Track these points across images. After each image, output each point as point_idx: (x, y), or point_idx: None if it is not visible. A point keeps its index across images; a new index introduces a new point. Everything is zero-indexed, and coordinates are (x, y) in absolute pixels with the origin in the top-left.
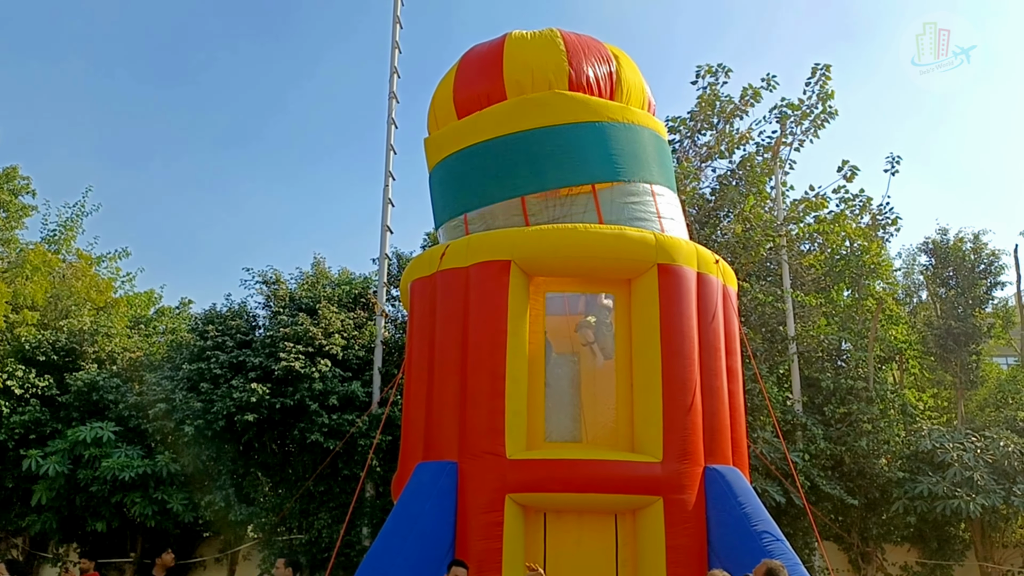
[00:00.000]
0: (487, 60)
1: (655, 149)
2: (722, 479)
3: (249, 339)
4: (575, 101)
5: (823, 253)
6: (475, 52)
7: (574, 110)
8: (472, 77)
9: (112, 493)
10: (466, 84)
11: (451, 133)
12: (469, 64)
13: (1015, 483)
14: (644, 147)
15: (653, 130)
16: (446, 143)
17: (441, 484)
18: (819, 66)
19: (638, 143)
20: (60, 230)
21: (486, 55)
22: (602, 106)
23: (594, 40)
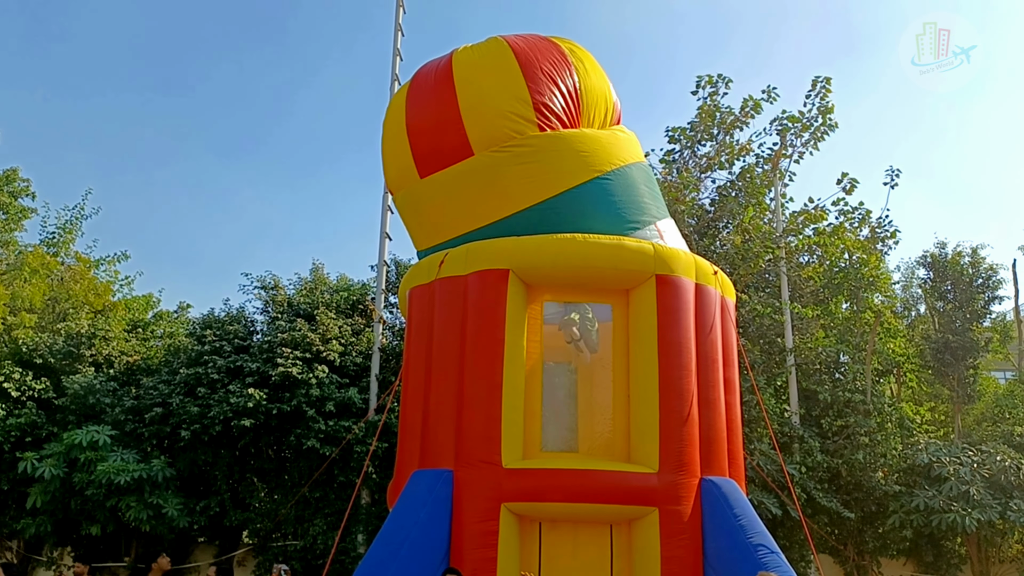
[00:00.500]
0: (441, 99)
1: (646, 184)
2: (718, 491)
3: (247, 344)
4: (561, 161)
5: (822, 265)
6: (424, 88)
7: (566, 174)
8: (428, 125)
9: (107, 497)
10: (422, 130)
11: (437, 221)
12: (420, 103)
13: (1011, 498)
14: (638, 187)
15: (638, 163)
16: (433, 231)
17: (437, 492)
18: (819, 79)
19: (632, 186)
20: (59, 233)
21: (438, 95)
22: (591, 159)
23: (547, 45)
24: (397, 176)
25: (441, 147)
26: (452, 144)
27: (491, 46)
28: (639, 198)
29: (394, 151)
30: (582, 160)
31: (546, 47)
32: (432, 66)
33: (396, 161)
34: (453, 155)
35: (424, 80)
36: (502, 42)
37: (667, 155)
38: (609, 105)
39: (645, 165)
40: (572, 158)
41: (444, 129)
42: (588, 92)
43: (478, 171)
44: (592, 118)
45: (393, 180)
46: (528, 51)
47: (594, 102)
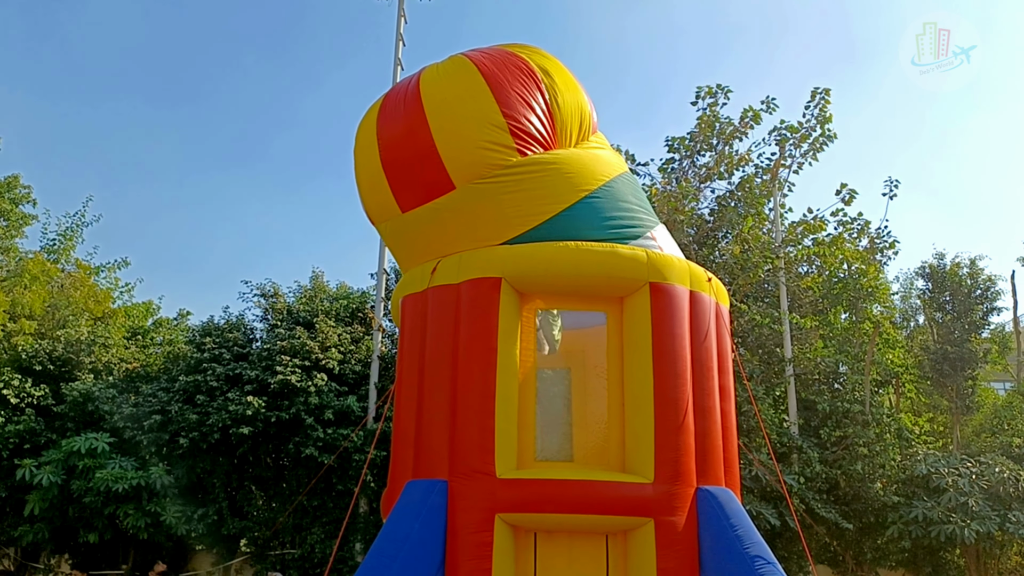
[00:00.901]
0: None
1: (633, 193)
2: (714, 500)
3: (246, 352)
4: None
5: (821, 276)
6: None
7: (554, 198)
8: (403, 159)
9: (105, 504)
10: (398, 164)
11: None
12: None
13: (1010, 509)
14: (626, 198)
15: (621, 173)
16: (418, 262)
17: (431, 503)
18: (819, 90)
19: (621, 198)
20: (60, 240)
21: (409, 126)
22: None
23: (514, 61)
24: (377, 209)
25: (420, 181)
26: (431, 178)
27: (458, 68)
28: (629, 209)
29: (371, 184)
30: (567, 182)
31: (513, 63)
32: (399, 93)
33: (374, 194)
34: (434, 189)
35: (393, 110)
36: (468, 64)
37: (666, 164)
38: (584, 116)
39: (628, 175)
40: (557, 181)
41: (421, 164)
42: (562, 108)
43: (462, 203)
44: (569, 134)
45: (374, 212)
46: (496, 72)
47: (569, 117)
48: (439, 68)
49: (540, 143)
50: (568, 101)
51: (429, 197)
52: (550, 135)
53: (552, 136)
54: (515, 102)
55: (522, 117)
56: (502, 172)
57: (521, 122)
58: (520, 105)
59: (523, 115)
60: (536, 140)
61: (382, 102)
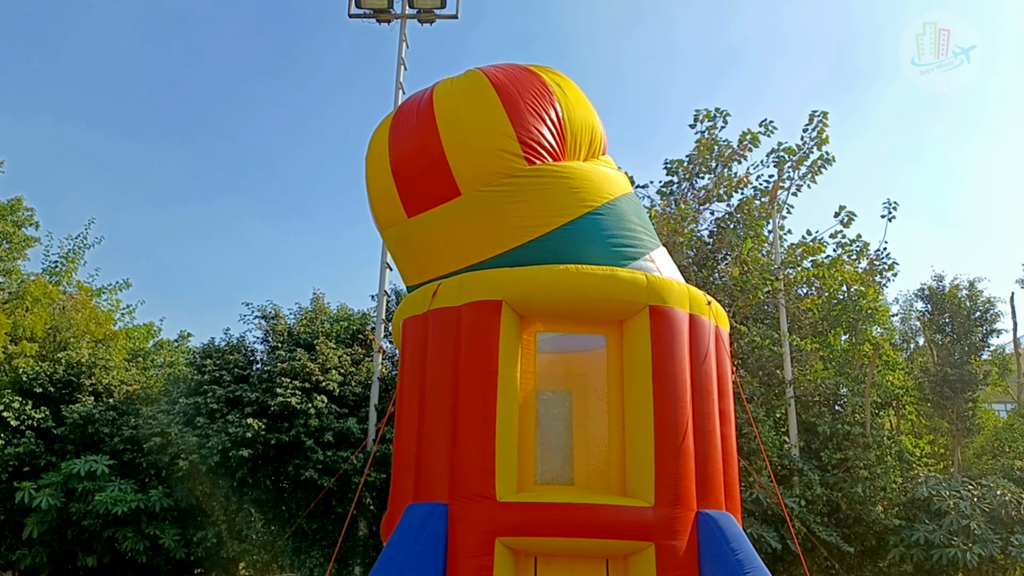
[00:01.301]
0: (424, 138)
1: (636, 214)
2: (715, 524)
3: (246, 374)
4: (551, 197)
5: (820, 297)
6: (406, 126)
7: (555, 210)
8: (412, 166)
9: (104, 527)
10: (407, 170)
11: (424, 260)
12: (402, 143)
13: (1012, 533)
14: (629, 218)
15: (626, 194)
16: (423, 269)
17: (431, 526)
18: (816, 113)
19: (624, 218)
20: (62, 262)
21: (420, 134)
22: (582, 193)
23: (527, 76)
24: (384, 215)
25: (427, 187)
26: (438, 183)
27: (471, 80)
28: (631, 230)
29: (380, 190)
30: (573, 195)
31: (527, 78)
32: (413, 103)
33: (382, 200)
34: (440, 194)
35: (406, 118)
36: (481, 76)
37: (665, 186)
38: (595, 135)
39: (634, 196)
40: (563, 194)
41: (429, 169)
42: (573, 122)
43: (467, 210)
44: (578, 149)
45: (380, 218)
46: (509, 84)
47: (579, 132)
48: (453, 80)
49: (549, 154)
50: (579, 117)
51: (435, 202)
52: (560, 148)
53: (562, 149)
54: (526, 113)
55: (532, 128)
56: (508, 180)
57: (531, 132)
58: (531, 116)
59: (533, 126)
60: (545, 151)
61: (397, 110)
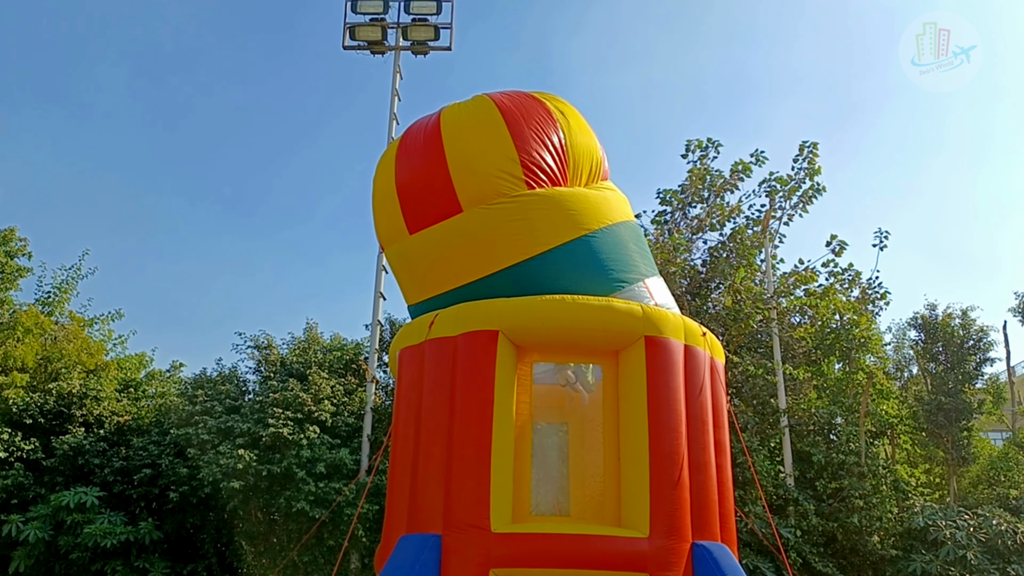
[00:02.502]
0: (430, 157)
1: (634, 242)
2: (709, 556)
3: (238, 404)
4: (549, 219)
5: (813, 326)
6: (413, 148)
7: (552, 232)
8: (417, 185)
9: (93, 560)
10: (411, 187)
11: (426, 276)
12: (409, 163)
13: (1009, 563)
14: (626, 245)
15: (626, 221)
16: (423, 286)
17: (424, 558)
18: (806, 143)
19: (620, 244)
20: (55, 292)
21: (427, 155)
22: (579, 217)
23: (532, 103)
24: (387, 232)
25: (430, 204)
26: (441, 202)
27: (478, 104)
28: (627, 256)
29: (384, 208)
30: (570, 218)
31: (532, 105)
32: (421, 124)
33: (386, 218)
34: (442, 212)
35: (413, 139)
36: (488, 100)
37: (659, 216)
38: (596, 161)
39: (634, 224)
40: (560, 216)
41: (433, 187)
42: (575, 148)
43: (466, 228)
44: (580, 174)
45: (384, 236)
46: (514, 109)
47: (581, 158)
48: (460, 104)
49: (550, 179)
50: (581, 143)
51: (437, 219)
52: (561, 173)
53: (563, 174)
54: (529, 137)
55: (535, 152)
56: (508, 200)
57: (533, 156)
58: (534, 141)
59: (535, 150)
60: (547, 175)
61: (405, 132)
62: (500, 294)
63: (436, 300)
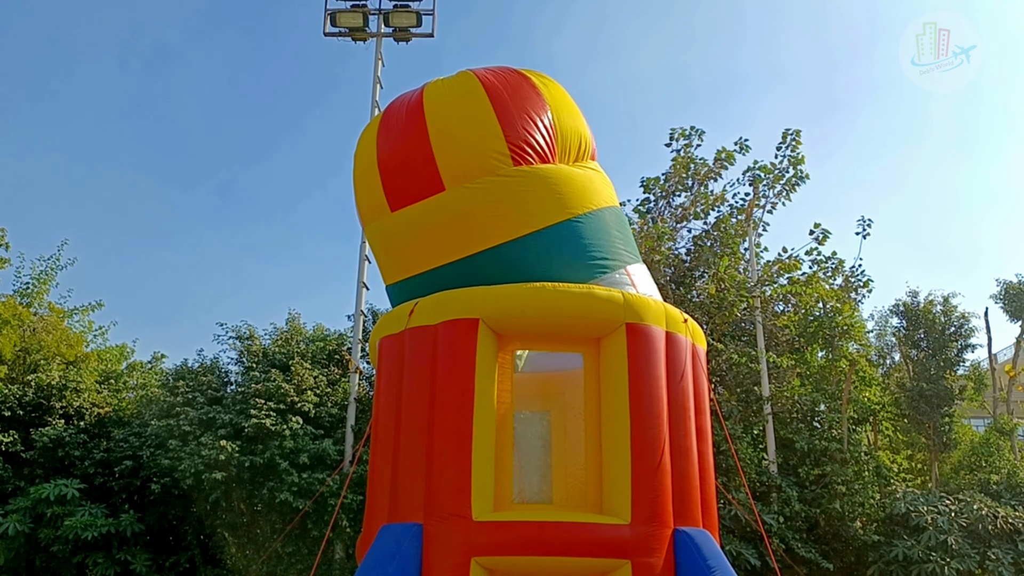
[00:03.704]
0: (412, 133)
1: (618, 228)
2: (691, 542)
3: (220, 395)
4: (533, 200)
5: (797, 314)
6: (395, 122)
7: (536, 213)
8: (399, 160)
9: (74, 553)
10: (393, 164)
11: (406, 255)
12: (391, 138)
13: (989, 547)
14: (610, 231)
15: (610, 206)
16: (403, 265)
17: (405, 547)
18: (789, 131)
19: (604, 229)
20: (34, 283)
21: (409, 129)
22: (565, 200)
23: (518, 79)
24: (368, 210)
25: (412, 182)
26: (423, 179)
27: (462, 80)
28: (610, 242)
29: (365, 185)
30: (555, 201)
31: (518, 80)
32: (404, 100)
33: (367, 195)
34: (424, 190)
35: (395, 115)
36: (472, 76)
37: (642, 204)
38: (584, 140)
39: (618, 209)
40: (546, 197)
41: (415, 164)
42: (562, 126)
43: (448, 206)
44: (567, 152)
45: (365, 213)
46: (499, 85)
47: (568, 136)
48: (443, 80)
49: (537, 156)
50: (568, 121)
51: (419, 197)
52: (549, 150)
53: (551, 152)
54: (515, 114)
55: (520, 129)
56: (493, 178)
57: (519, 133)
58: (519, 117)
59: (521, 126)
60: (534, 151)
61: (386, 108)
62: (481, 275)
63: (415, 280)
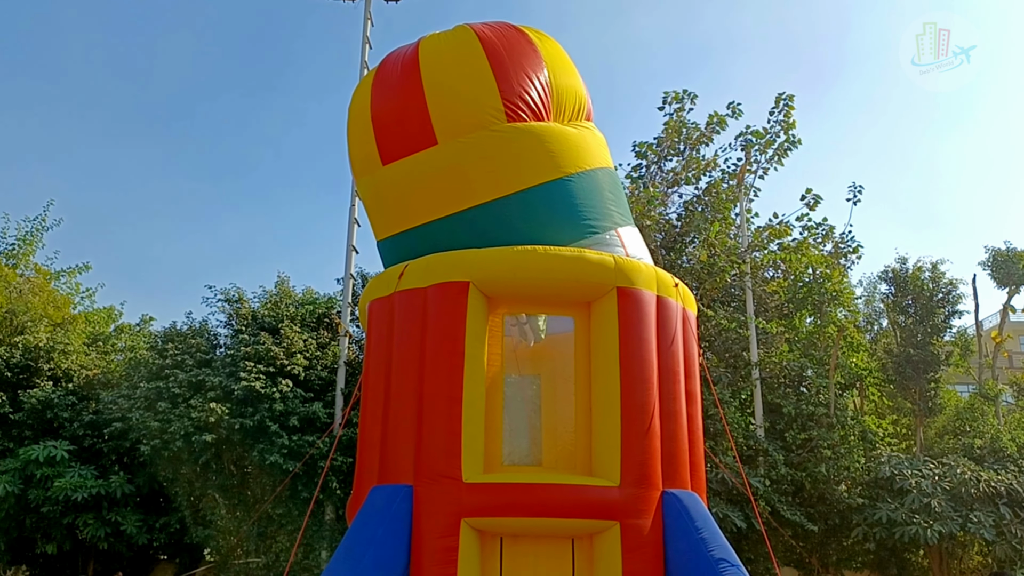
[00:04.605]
0: (406, 86)
1: (611, 190)
2: (679, 504)
3: (209, 358)
4: (526, 157)
5: (786, 280)
6: (390, 74)
7: (529, 171)
8: (392, 111)
9: (64, 514)
10: (386, 117)
11: (397, 210)
12: (385, 90)
13: (972, 510)
14: (602, 192)
15: (604, 168)
16: (393, 220)
17: (395, 508)
18: (783, 95)
19: (597, 190)
20: (19, 244)
21: (403, 81)
22: (557, 158)
23: (515, 35)
24: (361, 163)
25: (405, 135)
26: (416, 132)
27: (458, 34)
28: (602, 203)
29: (358, 138)
30: (549, 159)
31: (515, 36)
32: (399, 54)
33: (360, 148)
34: (416, 143)
35: (390, 68)
36: (469, 30)
37: (634, 169)
38: (580, 100)
39: (612, 171)
40: (539, 155)
41: (408, 116)
42: (558, 85)
43: (440, 160)
44: (563, 110)
45: (357, 167)
46: (496, 40)
47: (564, 94)
48: (440, 34)
49: (532, 113)
50: (565, 80)
51: (411, 150)
52: (544, 107)
53: (546, 109)
54: (511, 70)
55: (515, 83)
56: (485, 134)
57: (515, 89)
58: (515, 73)
59: (517, 82)
60: (528, 108)
61: (382, 61)
62: (471, 231)
63: (405, 235)
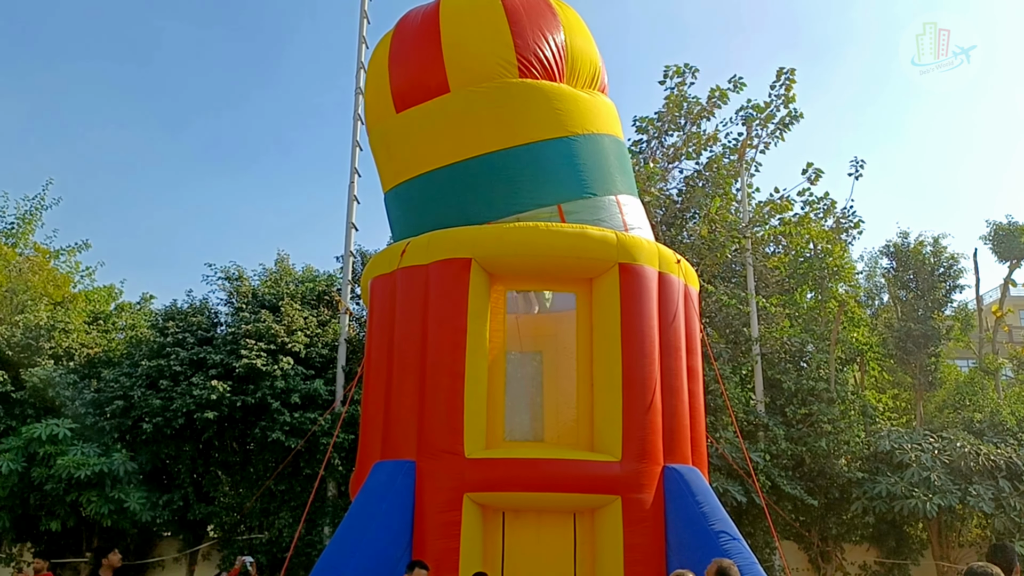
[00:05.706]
0: (424, 37)
1: (616, 157)
2: (680, 478)
3: (210, 336)
4: (534, 112)
5: (787, 255)
6: (410, 26)
7: (534, 126)
8: (409, 60)
9: (67, 491)
10: (403, 66)
11: (405, 157)
12: (404, 40)
13: (971, 483)
14: (607, 157)
15: (612, 135)
16: (401, 168)
17: (398, 483)
18: (784, 70)
19: (601, 154)
20: (18, 223)
21: (422, 32)
22: (564, 117)
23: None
24: (375, 113)
25: (419, 83)
26: (430, 81)
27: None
28: (606, 168)
29: (375, 89)
30: (555, 117)
31: (540, 5)
32: (420, 9)
33: (375, 98)
34: (430, 92)
35: (411, 19)
36: None
37: (634, 145)
38: (595, 68)
39: (620, 141)
40: (546, 112)
41: (424, 66)
42: (574, 50)
43: (451, 108)
44: (577, 77)
45: (371, 118)
46: (520, 4)
47: (580, 61)
48: None
49: (546, 72)
50: (581, 46)
51: (424, 98)
52: (557, 69)
53: (559, 71)
54: (527, 27)
55: (531, 41)
56: (497, 85)
57: (529, 45)
58: (532, 31)
59: (532, 40)
60: (541, 67)
61: (403, 17)
62: (471, 182)
63: (410, 184)
